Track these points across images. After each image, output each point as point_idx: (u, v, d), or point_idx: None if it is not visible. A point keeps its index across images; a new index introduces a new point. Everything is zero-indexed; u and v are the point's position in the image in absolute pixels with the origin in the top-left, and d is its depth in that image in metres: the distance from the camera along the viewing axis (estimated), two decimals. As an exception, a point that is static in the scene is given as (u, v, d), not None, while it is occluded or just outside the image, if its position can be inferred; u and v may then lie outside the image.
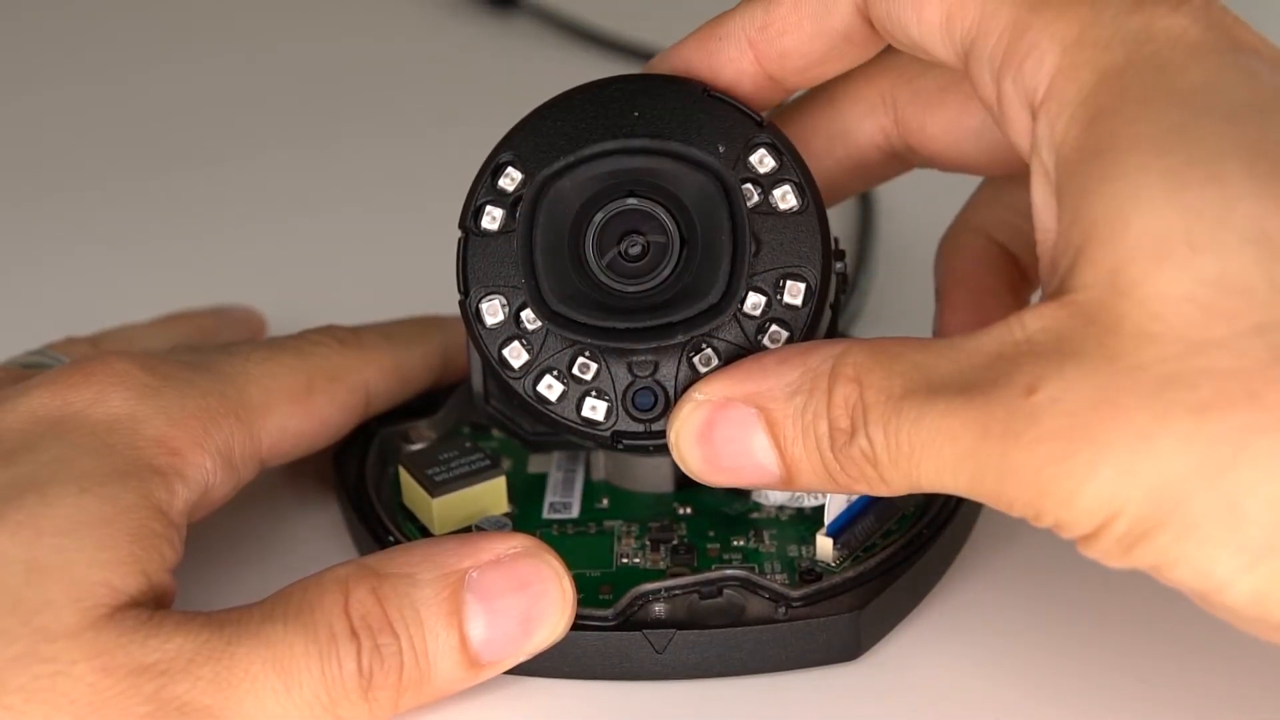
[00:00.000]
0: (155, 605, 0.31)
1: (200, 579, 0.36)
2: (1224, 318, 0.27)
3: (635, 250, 0.33)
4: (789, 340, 0.33)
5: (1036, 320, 0.28)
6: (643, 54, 0.64)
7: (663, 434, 0.33)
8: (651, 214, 0.33)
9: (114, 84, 0.67)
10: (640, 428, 0.33)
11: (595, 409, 0.33)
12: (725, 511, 0.37)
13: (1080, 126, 0.29)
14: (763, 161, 0.33)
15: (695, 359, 0.33)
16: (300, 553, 0.38)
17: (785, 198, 0.33)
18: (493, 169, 0.34)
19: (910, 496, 0.37)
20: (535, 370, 0.33)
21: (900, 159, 0.38)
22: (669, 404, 0.33)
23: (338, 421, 0.37)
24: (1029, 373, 0.28)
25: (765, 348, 0.33)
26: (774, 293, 0.33)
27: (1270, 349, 0.26)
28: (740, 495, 0.37)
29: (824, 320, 0.34)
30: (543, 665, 0.33)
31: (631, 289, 0.33)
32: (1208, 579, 0.27)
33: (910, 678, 0.34)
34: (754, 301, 0.33)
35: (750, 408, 0.31)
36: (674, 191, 0.33)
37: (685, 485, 0.38)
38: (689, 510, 0.37)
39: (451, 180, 0.35)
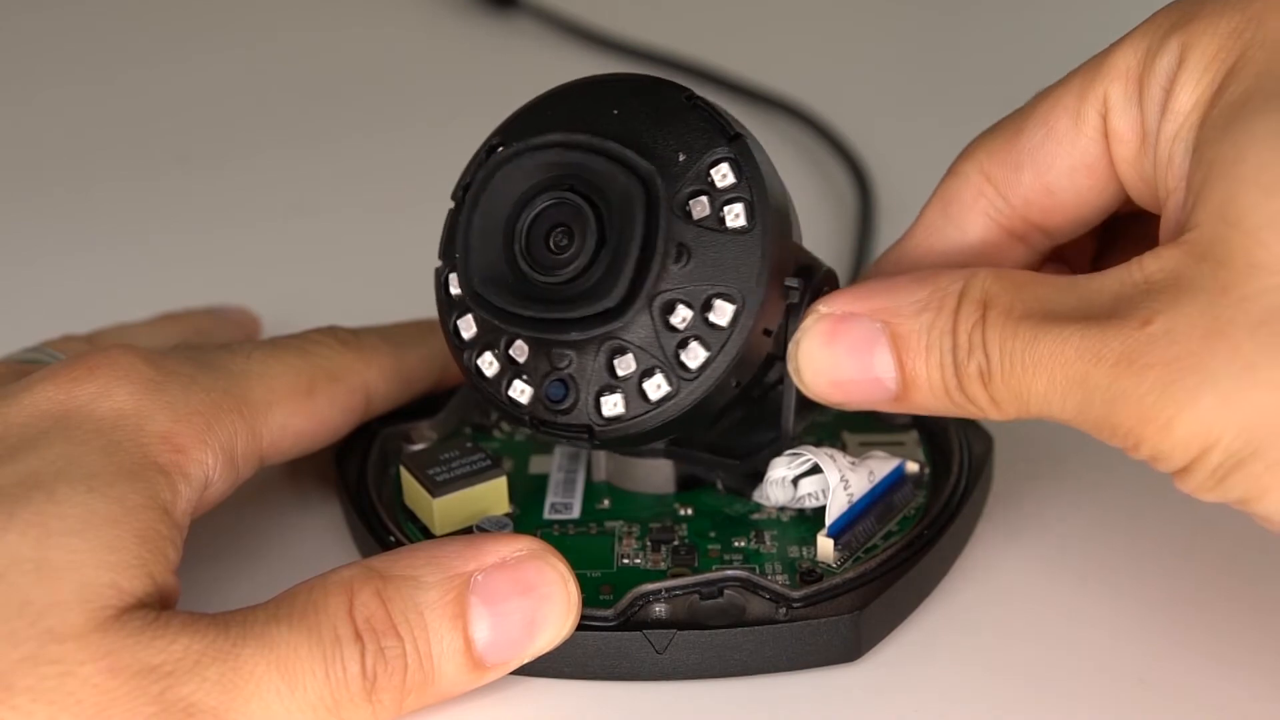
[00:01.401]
0: (160, 606, 0.31)
1: (202, 579, 0.36)
2: None
3: (561, 243, 0.33)
4: (708, 359, 0.32)
5: (1155, 262, 0.29)
6: (643, 54, 0.64)
7: (573, 427, 0.33)
8: (580, 210, 0.33)
9: (112, 84, 0.67)
10: (552, 418, 0.33)
11: (522, 392, 0.34)
12: (726, 512, 0.37)
13: (1210, 78, 0.30)
14: (724, 176, 0.33)
15: (616, 361, 0.33)
16: (302, 552, 0.38)
17: (736, 216, 0.33)
18: (486, 149, 0.35)
19: (911, 496, 0.37)
20: (478, 345, 0.34)
21: (1023, 238, 0.36)
22: (579, 399, 0.33)
23: (338, 422, 0.37)
24: (1146, 307, 0.29)
25: (682, 363, 0.33)
26: (701, 308, 0.32)
27: None
28: (741, 496, 0.37)
29: (761, 348, 0.33)
30: (543, 665, 0.33)
31: (543, 279, 0.33)
32: None
33: (911, 679, 0.34)
34: (682, 315, 0.32)
35: (876, 321, 0.32)
36: (605, 191, 0.33)
37: (686, 486, 0.38)
38: (690, 511, 0.37)
39: (451, 180, 0.35)
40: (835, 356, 0.32)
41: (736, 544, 0.36)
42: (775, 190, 0.33)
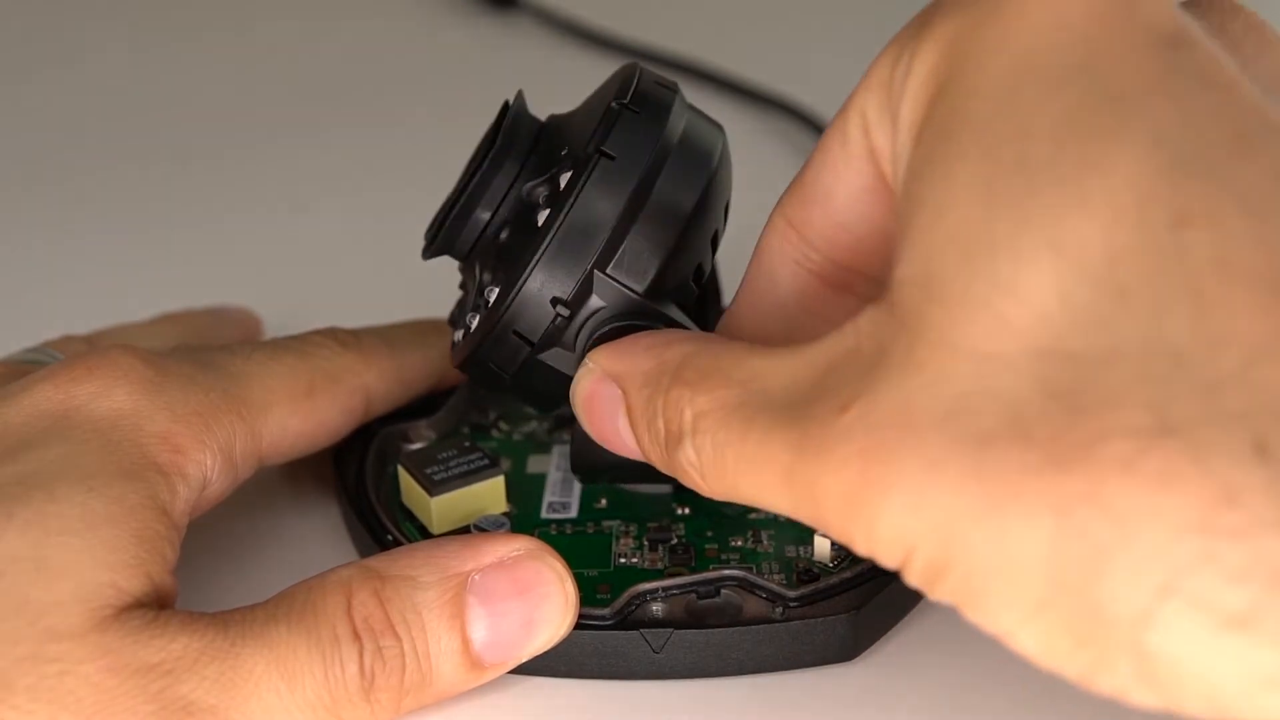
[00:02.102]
0: (158, 606, 0.31)
1: (200, 578, 0.36)
2: (1012, 334, 0.24)
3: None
4: (465, 335, 0.35)
5: (867, 324, 0.27)
6: (643, 54, 0.64)
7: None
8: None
9: (111, 83, 0.67)
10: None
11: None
12: (724, 512, 0.37)
13: (922, 101, 0.27)
14: (563, 183, 0.33)
15: (464, 297, 0.36)
16: (300, 551, 0.38)
17: (539, 220, 0.33)
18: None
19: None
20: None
21: (844, 286, 0.33)
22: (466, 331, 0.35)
23: (337, 423, 0.37)
24: (848, 388, 0.26)
25: (465, 323, 0.35)
26: (490, 283, 0.34)
27: (1042, 381, 0.24)
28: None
29: (504, 342, 0.34)
30: (540, 664, 0.33)
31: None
32: (994, 627, 0.25)
33: (907, 678, 0.34)
34: (483, 280, 0.34)
35: (616, 389, 0.31)
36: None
37: (684, 485, 0.38)
38: (687, 510, 0.37)
39: (451, 180, 0.35)
40: (595, 415, 0.32)
41: (734, 543, 0.36)
42: (594, 215, 0.33)
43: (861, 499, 0.25)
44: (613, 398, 0.31)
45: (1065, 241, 0.24)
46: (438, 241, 0.35)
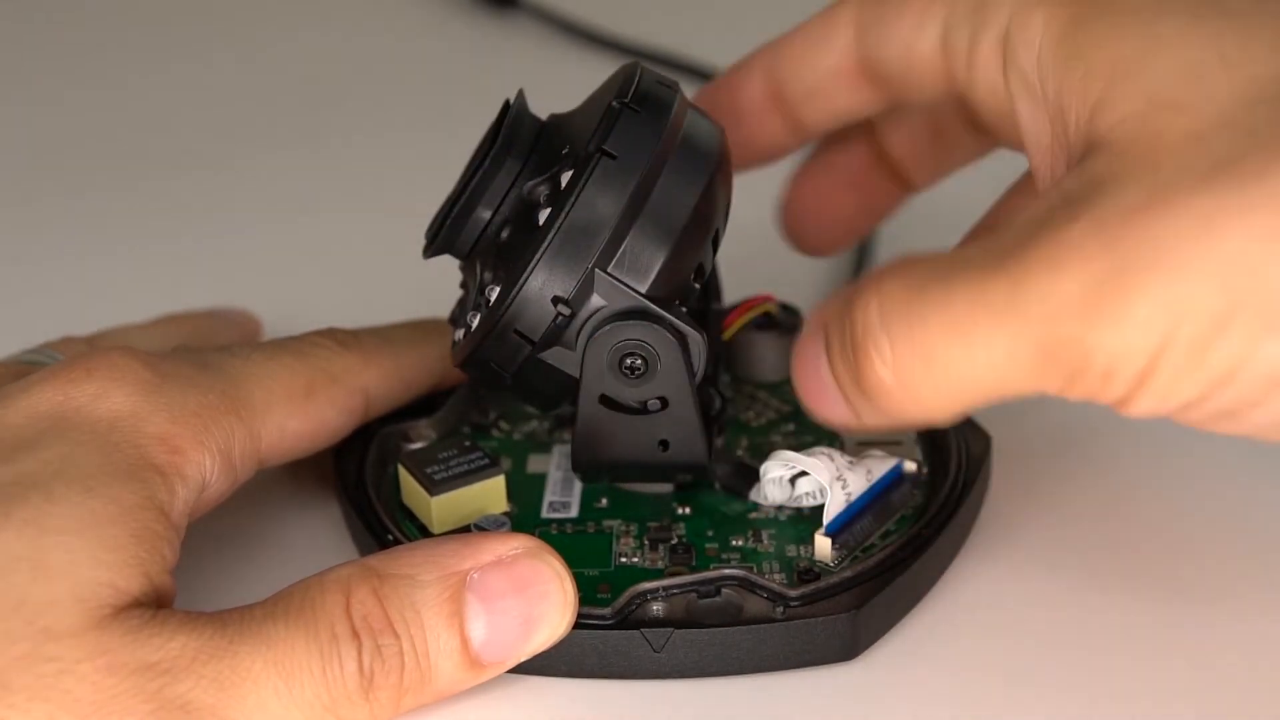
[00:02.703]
0: (156, 605, 0.31)
1: (200, 577, 0.36)
2: (1268, 100, 0.27)
3: None
4: (466, 334, 0.35)
5: (1070, 179, 0.28)
6: (642, 54, 0.64)
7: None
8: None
9: (111, 85, 0.67)
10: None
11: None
12: (724, 511, 0.37)
13: (1060, 21, 0.30)
14: (563, 182, 0.34)
15: (465, 296, 0.36)
16: (300, 551, 0.38)
17: (540, 219, 0.34)
18: None
19: (910, 495, 0.37)
20: None
21: (869, 95, 0.37)
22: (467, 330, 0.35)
23: (337, 423, 0.37)
24: (1067, 214, 0.26)
25: (466, 322, 0.35)
26: (490, 280, 0.34)
27: None
28: (739, 496, 0.37)
29: (505, 341, 0.34)
30: (540, 664, 0.33)
31: None
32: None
33: (907, 678, 0.34)
34: (484, 279, 0.35)
35: (819, 338, 0.31)
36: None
37: (684, 485, 0.38)
38: (688, 510, 0.37)
39: (450, 181, 0.35)
40: (803, 376, 0.31)
41: (734, 543, 0.36)
42: (595, 214, 0.33)
43: (1113, 287, 0.25)
44: (816, 346, 0.31)
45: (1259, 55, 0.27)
46: (438, 240, 0.35)
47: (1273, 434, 0.27)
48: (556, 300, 0.33)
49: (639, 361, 0.34)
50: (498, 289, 0.34)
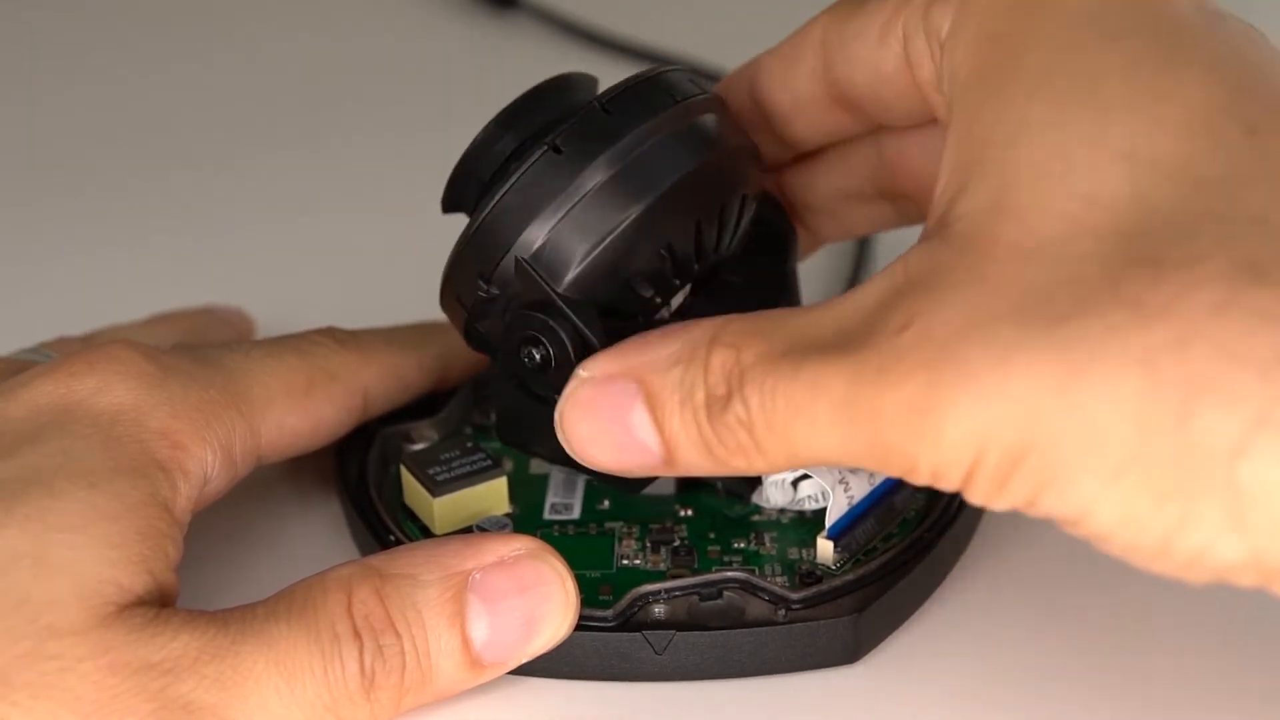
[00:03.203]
0: (160, 603, 0.31)
1: (202, 577, 0.36)
2: (1092, 232, 0.26)
3: None
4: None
5: (918, 258, 0.28)
6: (643, 54, 0.64)
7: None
8: None
9: (109, 84, 0.67)
10: None
11: None
12: (726, 514, 0.37)
13: (975, 53, 0.29)
14: (503, 169, 0.35)
15: None
16: (301, 551, 0.38)
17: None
18: None
19: (912, 498, 0.37)
20: None
21: (845, 108, 0.36)
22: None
23: (335, 421, 0.37)
24: (904, 310, 0.27)
25: None
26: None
27: (1129, 254, 0.26)
28: (741, 498, 0.37)
29: (450, 309, 0.35)
30: (542, 665, 0.33)
31: None
32: (1073, 503, 0.26)
33: (909, 682, 0.34)
34: None
35: (631, 382, 0.31)
36: None
37: (687, 487, 0.38)
38: (690, 512, 0.37)
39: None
40: (596, 424, 0.31)
41: (736, 545, 0.36)
42: (525, 202, 0.33)
43: (928, 406, 0.26)
44: (622, 394, 0.31)
45: (1140, 153, 0.27)
46: (446, 195, 0.36)
47: (1111, 551, 0.27)
48: (479, 275, 0.34)
49: (539, 354, 0.34)
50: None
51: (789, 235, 0.37)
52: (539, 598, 0.32)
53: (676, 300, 0.36)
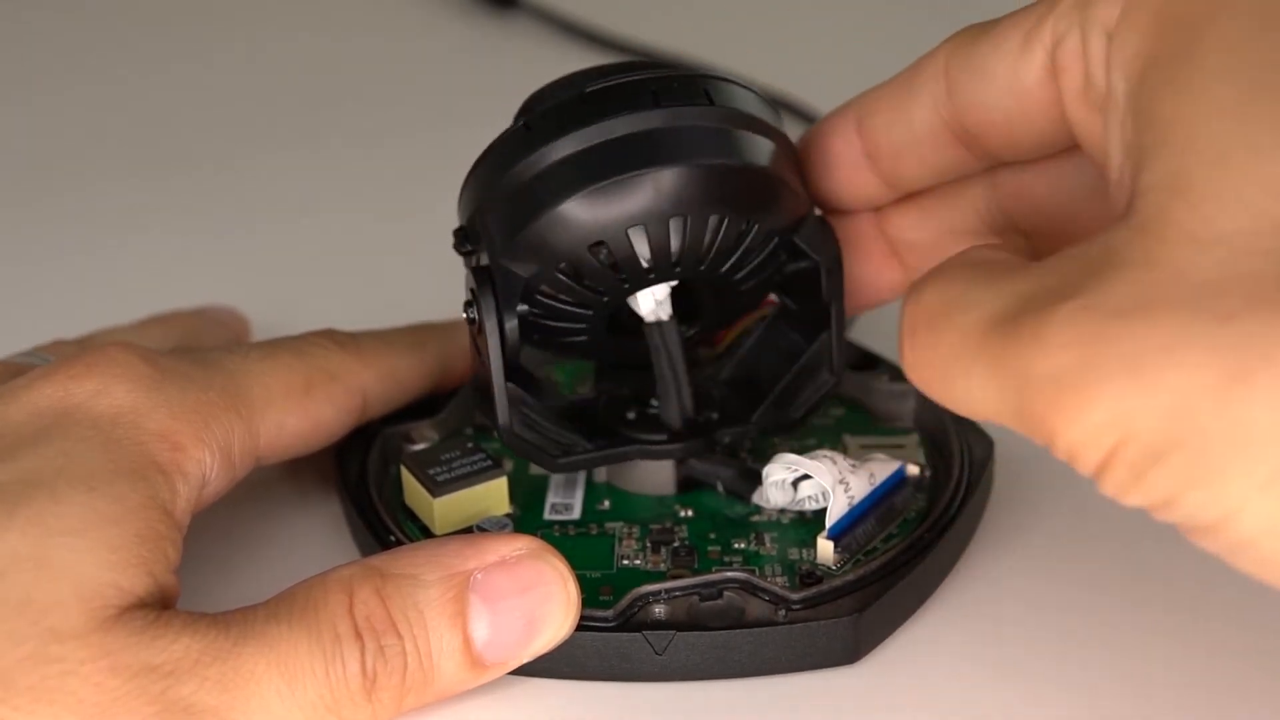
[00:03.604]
0: (161, 606, 0.31)
1: (202, 578, 0.36)
2: (1273, 226, 0.25)
3: None
4: None
5: (1100, 238, 0.27)
6: (643, 54, 0.64)
7: None
8: None
9: (108, 85, 0.67)
10: None
11: None
12: (726, 514, 0.37)
13: (1155, 36, 0.28)
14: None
15: None
16: (302, 552, 0.38)
17: None
18: None
19: (912, 498, 0.37)
20: None
21: (965, 144, 0.35)
22: None
23: (334, 422, 0.37)
24: (1072, 284, 0.27)
25: None
26: None
27: None
28: (741, 498, 0.37)
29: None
30: (542, 665, 0.33)
31: None
32: (1218, 507, 0.25)
33: (909, 682, 0.34)
34: None
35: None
36: None
37: (686, 488, 0.38)
38: (690, 513, 0.37)
39: (451, 181, 0.35)
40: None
41: (736, 545, 0.36)
42: (493, 168, 0.34)
43: (1077, 383, 0.26)
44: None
45: None
46: None
47: (1244, 562, 0.26)
48: (460, 227, 0.35)
49: (471, 315, 0.35)
50: None
51: (828, 269, 0.36)
52: (540, 598, 0.32)
53: (648, 306, 0.36)
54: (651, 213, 0.34)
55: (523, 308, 0.35)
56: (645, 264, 0.34)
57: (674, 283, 0.35)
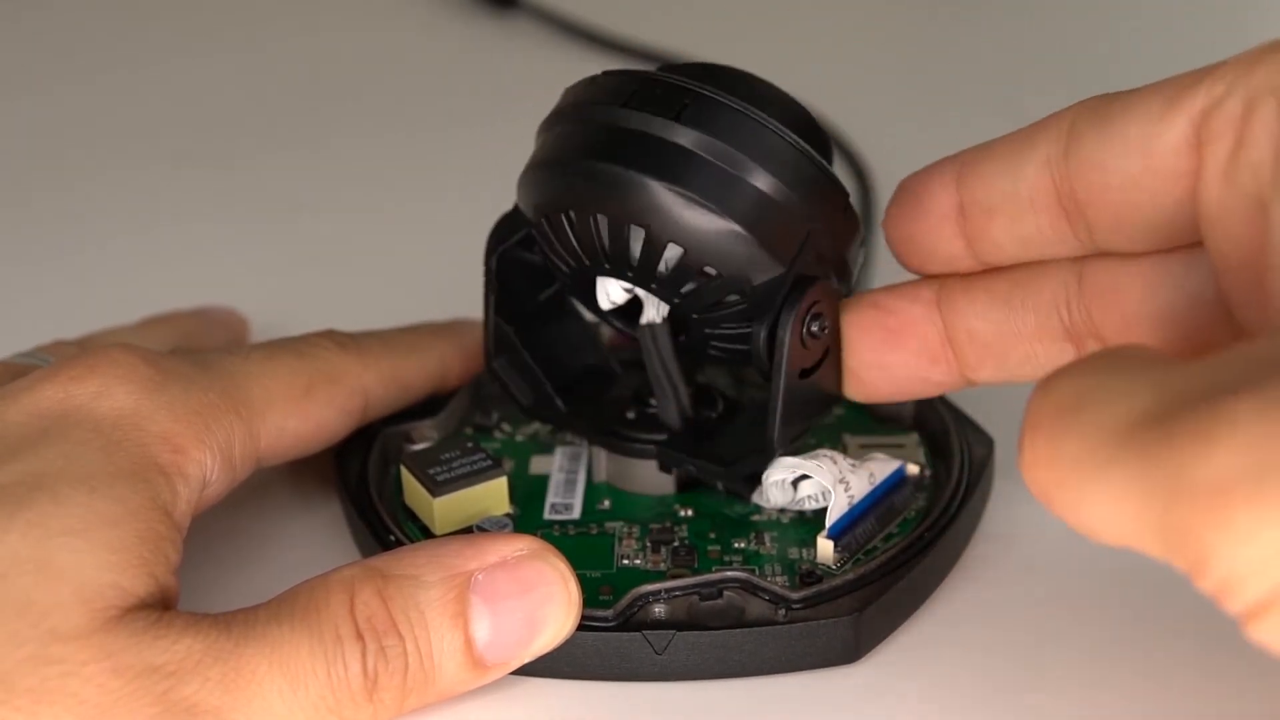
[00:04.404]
0: (162, 607, 0.31)
1: (202, 578, 0.36)
2: None
3: None
4: None
5: (1275, 336, 0.24)
6: (643, 54, 0.64)
7: None
8: None
9: (108, 85, 0.67)
10: None
11: None
12: (726, 514, 0.37)
13: None
14: None
15: None
16: (302, 552, 0.38)
17: None
18: None
19: (912, 498, 0.37)
20: None
21: (1068, 215, 0.32)
22: None
23: (335, 424, 0.37)
24: (1248, 380, 0.23)
25: None
26: None
27: None
28: (741, 497, 0.37)
29: None
30: (542, 665, 0.33)
31: None
32: None
33: (909, 681, 0.34)
34: None
35: None
36: None
37: (686, 487, 0.38)
38: (690, 512, 0.37)
39: (450, 181, 0.35)
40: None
41: (736, 545, 0.36)
42: (566, 105, 0.35)
43: (1252, 494, 0.21)
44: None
45: None
46: None
47: None
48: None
49: None
50: None
51: (770, 331, 0.34)
52: (541, 598, 0.32)
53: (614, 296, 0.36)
54: (618, 210, 0.33)
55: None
56: (602, 254, 0.34)
57: (630, 285, 0.35)
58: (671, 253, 0.33)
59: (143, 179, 0.59)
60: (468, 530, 0.36)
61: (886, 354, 0.35)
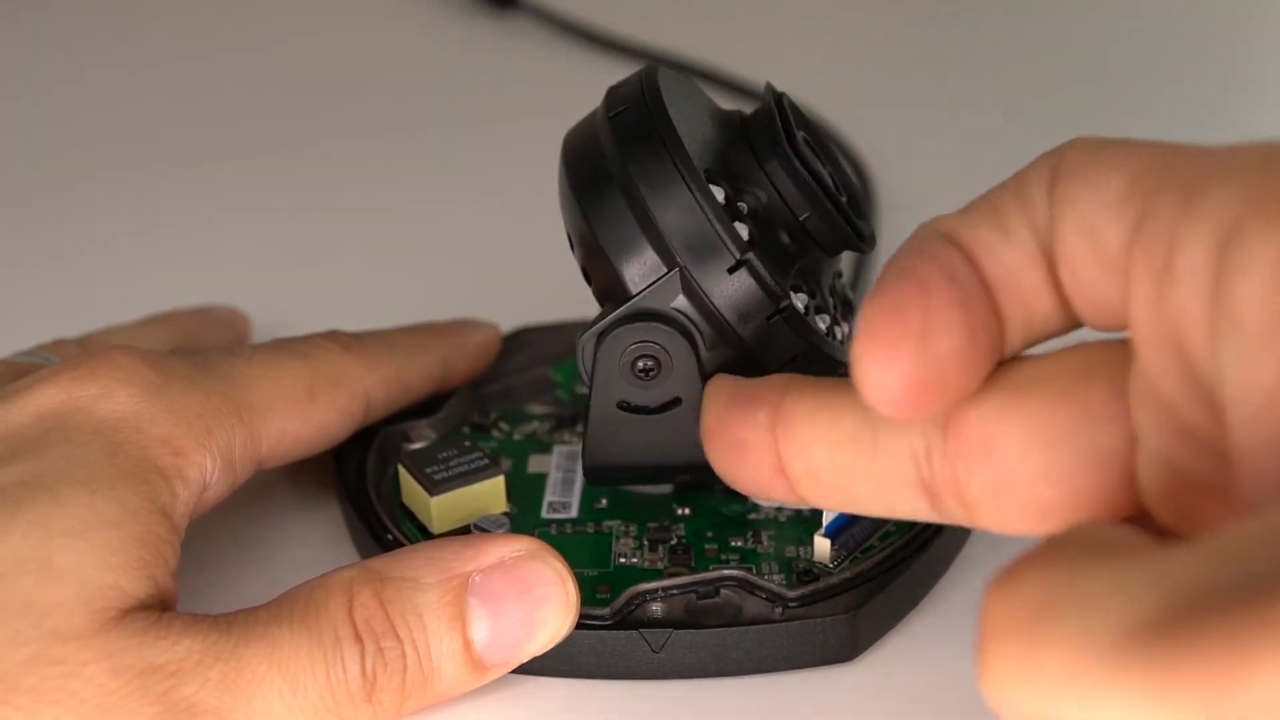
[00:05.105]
0: (161, 608, 0.31)
1: (201, 579, 0.36)
2: None
3: None
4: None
5: (1249, 536, 0.20)
6: (643, 54, 0.64)
7: None
8: None
9: (108, 84, 0.67)
10: None
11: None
12: (723, 512, 0.37)
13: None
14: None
15: None
16: (300, 551, 0.38)
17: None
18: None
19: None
20: None
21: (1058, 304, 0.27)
22: None
23: (337, 427, 0.37)
24: (1264, 590, 0.19)
25: None
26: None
27: None
28: (739, 497, 0.37)
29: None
30: (539, 664, 0.33)
31: None
32: None
33: (906, 679, 0.34)
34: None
35: None
36: None
37: (684, 487, 0.38)
38: (687, 511, 0.37)
39: (451, 181, 0.35)
40: None
41: (733, 544, 0.36)
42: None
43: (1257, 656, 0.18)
44: None
45: None
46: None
47: None
48: None
49: None
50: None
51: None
52: (539, 599, 0.32)
53: None
54: (590, 246, 0.34)
55: None
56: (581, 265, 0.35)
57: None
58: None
59: (143, 179, 0.59)
60: (465, 529, 0.36)
61: (733, 466, 0.30)
